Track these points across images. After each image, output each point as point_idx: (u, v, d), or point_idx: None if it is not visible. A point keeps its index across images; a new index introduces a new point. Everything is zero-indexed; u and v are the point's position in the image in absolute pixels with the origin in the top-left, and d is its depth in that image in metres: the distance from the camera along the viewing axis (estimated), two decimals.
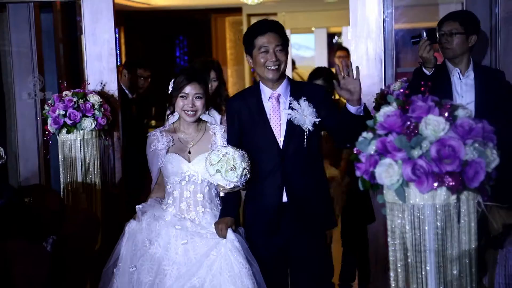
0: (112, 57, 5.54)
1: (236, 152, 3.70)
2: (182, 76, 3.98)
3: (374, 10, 5.34)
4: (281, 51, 3.87)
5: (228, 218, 3.88)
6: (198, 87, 3.97)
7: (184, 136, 4.06)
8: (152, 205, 4.06)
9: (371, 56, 5.37)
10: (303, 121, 3.81)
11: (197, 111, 3.98)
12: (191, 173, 3.96)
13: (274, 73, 3.85)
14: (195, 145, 4.03)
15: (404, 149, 2.55)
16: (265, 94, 3.94)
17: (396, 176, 2.55)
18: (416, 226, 2.60)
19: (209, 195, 4.00)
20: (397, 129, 2.58)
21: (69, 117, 5.10)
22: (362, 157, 2.68)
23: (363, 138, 2.69)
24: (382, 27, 5.35)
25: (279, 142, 3.86)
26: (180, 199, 3.98)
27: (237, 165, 3.67)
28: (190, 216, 3.95)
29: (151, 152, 4.05)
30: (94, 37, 5.57)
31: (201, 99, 3.98)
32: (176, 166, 3.96)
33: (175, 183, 3.98)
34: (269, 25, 3.92)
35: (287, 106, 3.88)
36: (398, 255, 2.65)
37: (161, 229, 3.89)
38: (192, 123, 4.05)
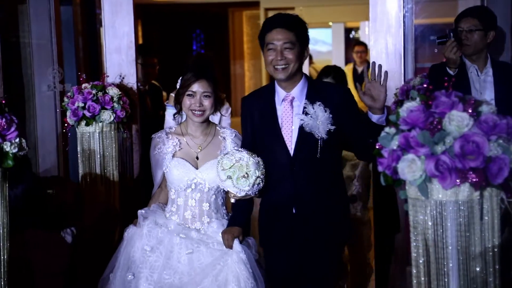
0: (131, 50, 5.55)
1: (251, 158, 3.44)
2: (190, 73, 3.75)
3: (394, 5, 5.30)
4: (289, 50, 3.53)
5: (236, 228, 3.66)
6: (206, 85, 3.73)
7: (192, 139, 3.82)
8: (154, 211, 3.83)
9: (391, 51, 5.34)
10: (316, 128, 3.50)
11: (205, 111, 3.74)
12: (198, 181, 3.74)
13: (281, 73, 3.54)
14: (203, 150, 3.79)
15: (427, 145, 2.53)
16: (279, 96, 3.63)
17: (419, 172, 2.54)
18: (439, 222, 2.59)
19: (215, 204, 3.78)
20: (420, 124, 2.56)
21: (88, 110, 5.11)
22: (384, 152, 2.67)
23: (386, 133, 2.68)
24: (402, 22, 5.32)
25: (289, 149, 3.56)
26: (184, 208, 3.76)
27: (250, 173, 3.41)
28: (195, 226, 3.74)
29: (155, 155, 3.83)
30: (113, 30, 5.57)
31: (210, 98, 3.73)
32: (183, 172, 3.73)
33: (180, 190, 3.76)
34: (277, 21, 3.58)
35: (301, 111, 3.56)
36: (420, 251, 2.63)
37: (164, 237, 3.67)
38: (200, 125, 3.81)
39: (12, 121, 3.13)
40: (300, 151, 3.54)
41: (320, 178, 3.59)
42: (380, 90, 3.39)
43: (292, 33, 3.53)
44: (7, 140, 3.09)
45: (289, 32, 3.52)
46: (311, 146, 3.53)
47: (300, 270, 3.68)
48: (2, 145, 3.06)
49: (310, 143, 3.53)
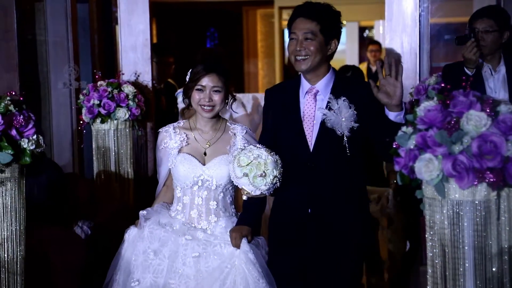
0: (146, 48, 5.57)
1: (270, 156, 3.22)
2: (200, 66, 3.58)
3: (410, 4, 5.30)
4: (310, 40, 3.33)
5: (245, 227, 3.47)
6: (216, 79, 3.55)
7: (200, 134, 3.65)
8: (158, 211, 3.64)
9: (406, 51, 5.33)
10: (338, 125, 3.31)
11: (215, 106, 3.57)
12: (205, 178, 3.56)
13: (301, 64, 3.36)
14: (212, 146, 3.63)
15: (445, 144, 2.52)
16: (303, 89, 3.45)
17: (436, 171, 2.53)
18: (455, 222, 2.58)
19: (223, 202, 3.61)
20: (437, 124, 2.56)
21: (104, 107, 5.13)
22: (401, 151, 2.66)
23: (403, 133, 2.68)
24: (418, 22, 5.31)
25: (309, 144, 3.38)
26: (190, 206, 3.58)
27: (268, 172, 3.20)
28: (201, 226, 3.56)
29: (161, 150, 3.68)
30: (129, 27, 5.60)
31: (220, 93, 3.56)
32: (189, 168, 3.56)
33: (186, 187, 3.58)
34: (301, 9, 3.38)
35: (325, 105, 3.38)
36: (436, 251, 2.63)
37: (168, 237, 3.47)
38: (209, 120, 3.64)
39: (29, 118, 3.14)
40: (320, 148, 3.37)
41: (341, 178, 3.40)
42: (396, 85, 3.15)
43: (314, 22, 3.32)
44: (25, 137, 3.10)
45: (312, 21, 3.33)
46: (332, 143, 3.34)
47: (307, 276, 3.47)
48: (19, 142, 3.08)
49: (332, 140, 3.34)
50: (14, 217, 3.14)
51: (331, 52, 3.42)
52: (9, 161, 3.04)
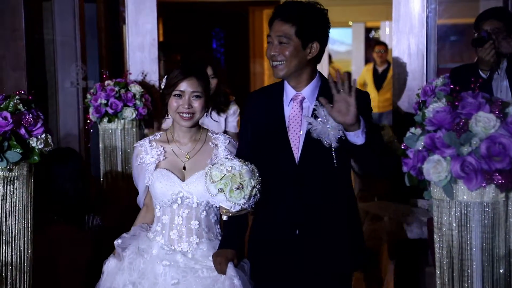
0: (154, 47, 5.59)
1: (244, 166, 2.91)
2: (177, 70, 3.23)
3: (417, 5, 5.30)
4: (285, 44, 3.00)
5: (229, 250, 3.12)
6: (196, 84, 3.20)
7: (178, 147, 3.28)
8: (136, 235, 3.31)
9: (413, 52, 5.34)
10: (324, 134, 2.94)
11: (194, 114, 3.21)
12: (185, 195, 3.20)
13: (276, 71, 3.04)
14: (192, 159, 3.26)
15: (453, 146, 2.53)
16: (287, 95, 3.10)
17: (444, 173, 2.53)
18: (463, 224, 2.59)
19: (206, 222, 3.23)
20: (446, 125, 2.56)
21: (111, 106, 5.14)
22: (409, 152, 2.67)
23: (411, 134, 2.68)
24: (425, 23, 5.31)
25: (295, 156, 3.03)
26: (170, 226, 3.22)
27: (245, 183, 2.87)
28: (181, 248, 3.19)
29: (137, 166, 3.33)
30: (136, 27, 5.61)
31: (200, 99, 3.21)
32: (166, 185, 3.20)
33: (165, 206, 3.23)
34: (277, 10, 3.05)
35: (310, 113, 3.03)
36: (444, 252, 2.63)
37: (146, 267, 3.16)
38: (188, 131, 3.28)
39: (38, 117, 3.16)
40: (307, 159, 3.02)
41: (331, 193, 3.06)
42: (349, 102, 2.80)
43: (288, 24, 2.98)
44: (34, 136, 3.12)
45: (286, 23, 2.98)
46: (320, 155, 2.99)
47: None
48: (28, 141, 3.10)
49: (320, 151, 2.98)
50: (22, 216, 3.15)
51: (313, 56, 3.04)
52: (18, 160, 3.05)
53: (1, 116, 3.02)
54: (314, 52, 3.03)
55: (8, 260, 3.12)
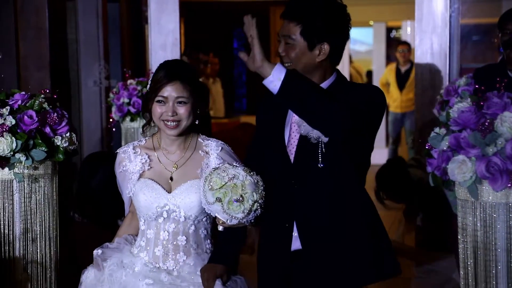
0: (176, 47, 5.61)
1: (249, 177, 2.61)
2: (161, 72, 2.89)
3: (440, 5, 5.27)
4: (289, 45, 2.68)
5: (218, 265, 2.80)
6: (181, 88, 2.85)
7: (165, 155, 2.95)
8: (119, 248, 2.99)
9: (436, 52, 5.31)
10: (309, 130, 2.61)
11: (180, 121, 2.86)
12: (171, 208, 2.88)
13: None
14: (180, 169, 2.93)
15: (478, 146, 2.52)
16: None
17: (469, 173, 2.53)
18: (488, 224, 2.58)
19: (195, 237, 2.91)
20: (471, 125, 2.55)
21: (133, 105, 5.17)
22: (434, 152, 2.66)
23: (436, 134, 2.67)
24: (448, 22, 5.29)
25: (290, 156, 2.71)
26: (155, 242, 2.91)
27: (246, 196, 2.58)
28: (166, 267, 2.89)
29: (120, 173, 3.00)
30: (159, 27, 5.64)
31: (186, 105, 2.85)
32: (151, 197, 2.88)
33: (150, 219, 2.91)
34: (285, 9, 2.73)
35: None
36: (468, 253, 2.62)
37: (128, 281, 2.87)
38: (176, 138, 2.93)
39: (63, 115, 3.19)
40: (302, 159, 2.69)
41: (333, 194, 2.67)
42: (253, 42, 2.51)
43: (292, 24, 2.67)
44: (58, 134, 3.14)
45: (290, 22, 2.67)
46: (312, 152, 2.66)
47: None
48: (53, 139, 3.12)
49: (311, 149, 2.66)
50: (48, 214, 3.18)
51: (324, 58, 2.68)
52: (43, 158, 3.08)
53: (27, 115, 3.05)
54: (324, 54, 2.66)
55: (33, 257, 3.15)
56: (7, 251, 3.10)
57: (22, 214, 3.12)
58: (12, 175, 3.06)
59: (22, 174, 3.07)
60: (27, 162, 3.04)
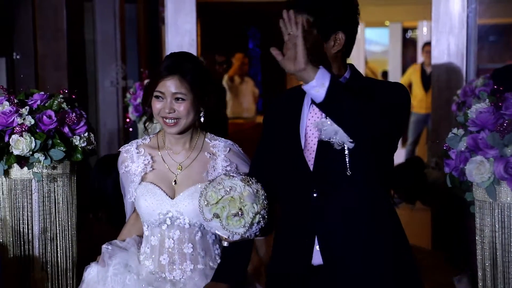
0: (192, 48, 5.63)
1: (247, 187, 2.40)
2: (163, 64, 2.71)
3: (457, 5, 5.26)
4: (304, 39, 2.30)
5: (222, 285, 2.61)
6: (179, 84, 2.65)
7: (170, 155, 2.76)
8: (127, 248, 2.83)
9: (453, 52, 5.29)
10: (334, 134, 2.38)
11: (179, 119, 2.66)
12: (174, 215, 2.69)
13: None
14: (184, 171, 2.74)
15: (497, 147, 2.51)
16: (308, 97, 2.47)
17: (487, 174, 2.52)
18: (506, 225, 2.57)
19: (202, 244, 2.73)
20: (489, 126, 2.54)
21: None
22: (452, 153, 2.65)
23: (454, 134, 2.67)
24: (466, 23, 5.27)
25: (308, 162, 2.45)
26: (160, 250, 2.73)
27: (246, 209, 2.37)
28: (173, 276, 2.72)
29: (123, 174, 2.82)
30: (175, 27, 5.66)
31: (184, 102, 2.65)
32: (152, 203, 2.71)
33: (153, 226, 2.74)
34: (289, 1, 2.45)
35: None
36: (486, 254, 2.62)
37: (130, 286, 2.73)
38: (180, 136, 2.74)
39: (81, 115, 3.20)
40: (322, 166, 2.45)
41: (357, 205, 2.43)
42: (296, 43, 2.26)
43: (304, 15, 2.41)
44: (77, 134, 3.16)
45: (302, 14, 2.40)
46: (337, 159, 2.42)
47: None
48: (71, 139, 3.14)
49: (337, 155, 2.41)
50: (66, 213, 3.20)
51: (339, 49, 2.46)
52: (61, 158, 3.10)
53: (46, 114, 3.07)
54: (340, 44, 2.45)
55: (52, 256, 3.18)
56: (26, 250, 3.13)
57: (41, 214, 3.14)
58: (31, 175, 3.09)
59: (41, 174, 3.09)
60: (45, 162, 3.06)
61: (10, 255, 3.12)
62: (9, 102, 3.06)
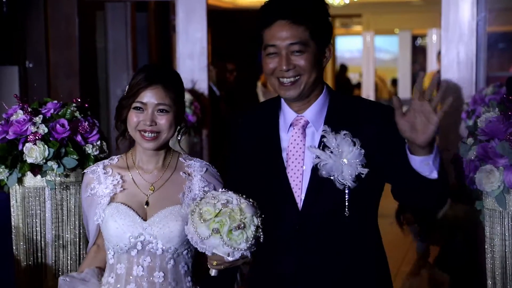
0: (203, 56, 5.66)
1: (243, 199, 2.22)
2: (140, 75, 2.48)
3: (467, 13, 5.27)
4: (300, 54, 2.24)
5: None
6: (163, 94, 2.44)
7: (141, 175, 2.54)
8: (87, 279, 2.57)
9: (462, 60, 5.30)
10: (338, 172, 2.20)
11: (160, 133, 2.46)
12: (147, 239, 2.45)
13: (288, 90, 2.27)
14: (157, 192, 2.52)
15: (507, 156, 2.52)
16: (286, 118, 2.34)
17: (497, 183, 2.53)
18: None
19: (174, 273, 2.49)
20: (499, 135, 2.56)
21: None
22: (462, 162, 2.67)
23: (464, 143, 2.68)
24: (475, 31, 5.28)
25: (297, 200, 2.28)
26: (126, 279, 2.48)
27: (247, 221, 2.19)
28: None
29: (87, 198, 2.57)
30: (186, 35, 5.69)
31: (168, 114, 2.45)
32: (123, 225, 2.46)
33: (120, 252, 2.49)
34: (281, 8, 2.26)
35: (317, 142, 2.29)
36: (496, 263, 2.62)
37: None
38: (154, 154, 2.53)
39: (94, 124, 3.23)
40: (314, 205, 2.26)
41: (347, 250, 2.29)
42: (431, 119, 2.03)
43: (301, 27, 2.24)
44: (89, 143, 3.19)
45: (298, 26, 2.24)
46: (331, 198, 2.25)
47: None
48: (84, 148, 3.17)
49: (331, 194, 2.24)
50: (78, 221, 3.22)
51: (325, 63, 2.34)
52: (74, 166, 3.13)
53: (59, 123, 3.10)
54: (329, 58, 2.34)
55: (64, 264, 3.20)
56: (39, 258, 3.15)
57: (54, 221, 3.16)
58: (44, 183, 3.11)
59: (54, 182, 3.12)
60: (59, 170, 3.09)
61: (23, 263, 3.14)
62: (23, 111, 3.10)
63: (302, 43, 2.24)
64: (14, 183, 3.10)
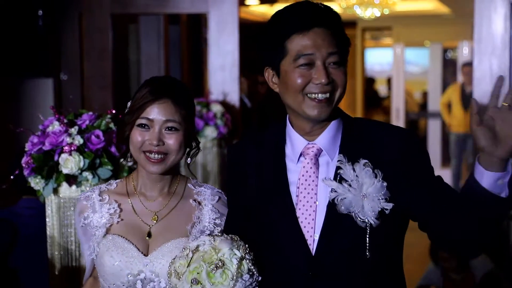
0: (235, 67, 5.70)
1: (217, 238, 1.96)
2: (145, 88, 2.19)
3: (500, 26, 5.24)
4: (337, 66, 1.96)
5: None
6: (172, 110, 2.15)
7: (143, 202, 2.25)
8: None
9: (495, 73, 5.27)
10: (358, 207, 1.91)
11: (168, 155, 2.17)
12: (148, 276, 2.15)
13: (323, 107, 1.96)
14: (161, 222, 2.22)
15: None
16: (294, 147, 2.04)
17: None
18: None
19: None
20: None
21: None
22: None
23: None
24: (508, 44, 5.25)
25: (308, 243, 1.97)
26: None
27: (226, 257, 1.91)
28: None
29: (81, 228, 2.29)
30: (218, 48, 5.73)
31: (177, 133, 2.16)
32: (121, 262, 2.17)
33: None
34: (315, 14, 1.96)
35: (332, 173, 2.00)
36: None
37: None
38: (159, 179, 2.24)
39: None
40: (329, 247, 1.96)
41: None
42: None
43: (334, 37, 1.96)
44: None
45: (333, 36, 1.96)
46: (350, 238, 1.96)
47: None
48: (118, 159, 3.20)
49: (349, 233, 1.95)
50: None
51: None
52: (108, 177, 3.16)
53: (94, 134, 3.14)
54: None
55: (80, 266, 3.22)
56: (73, 267, 3.18)
57: None
58: (79, 193, 3.15)
59: None
60: (93, 180, 3.12)
61: (57, 272, 3.17)
62: (59, 122, 3.14)
63: (340, 54, 1.97)
64: (49, 193, 3.14)
